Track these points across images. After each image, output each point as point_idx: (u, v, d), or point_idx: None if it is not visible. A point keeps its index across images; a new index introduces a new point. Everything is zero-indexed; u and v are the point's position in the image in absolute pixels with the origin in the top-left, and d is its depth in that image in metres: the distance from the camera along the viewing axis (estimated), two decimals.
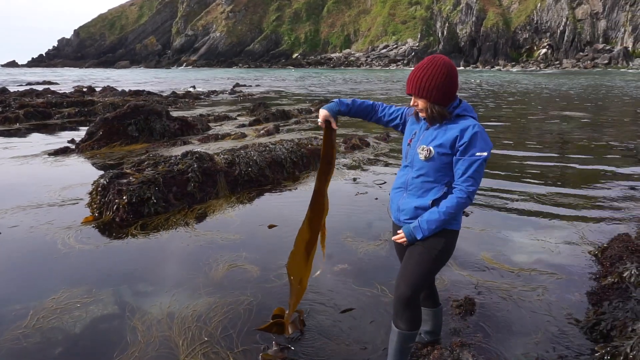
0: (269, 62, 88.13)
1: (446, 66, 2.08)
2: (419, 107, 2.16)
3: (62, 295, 3.20)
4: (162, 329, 2.84)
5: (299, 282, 2.63)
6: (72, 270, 3.61)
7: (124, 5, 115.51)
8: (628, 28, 72.01)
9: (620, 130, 11.44)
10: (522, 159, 7.90)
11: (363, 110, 2.46)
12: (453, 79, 2.10)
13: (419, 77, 2.10)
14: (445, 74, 2.07)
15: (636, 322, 2.65)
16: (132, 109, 9.28)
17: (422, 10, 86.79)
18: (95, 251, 3.96)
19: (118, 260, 3.82)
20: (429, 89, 2.07)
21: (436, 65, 2.08)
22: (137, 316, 2.97)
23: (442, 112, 2.11)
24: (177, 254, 3.94)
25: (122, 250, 4.04)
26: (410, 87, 2.14)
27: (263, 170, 6.13)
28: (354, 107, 2.43)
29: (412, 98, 2.18)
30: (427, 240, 2.16)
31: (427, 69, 2.09)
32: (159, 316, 2.97)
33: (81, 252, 3.92)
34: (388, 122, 2.46)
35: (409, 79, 2.15)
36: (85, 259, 3.82)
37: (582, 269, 3.68)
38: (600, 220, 4.81)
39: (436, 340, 2.69)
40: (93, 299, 3.17)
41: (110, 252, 3.98)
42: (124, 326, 2.87)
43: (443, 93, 2.08)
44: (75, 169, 7.05)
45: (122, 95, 18.94)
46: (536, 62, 74.37)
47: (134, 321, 2.91)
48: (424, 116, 2.17)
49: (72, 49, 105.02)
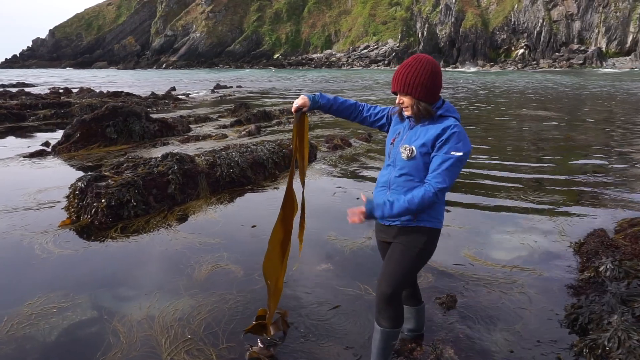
0: (250, 63, 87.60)
1: (431, 64, 2.10)
2: (404, 104, 2.17)
3: (39, 301, 3.11)
4: (144, 329, 2.80)
5: (275, 283, 2.62)
6: (50, 275, 3.52)
7: (101, 5, 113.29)
8: (601, 29, 73.97)
9: (596, 128, 11.73)
10: (502, 157, 8.03)
11: (346, 109, 2.43)
12: (437, 77, 2.12)
13: (404, 75, 2.10)
14: (430, 72, 2.08)
15: (612, 315, 2.72)
16: (110, 110, 9.10)
17: (402, 11, 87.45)
18: (73, 255, 3.87)
19: (97, 264, 3.74)
20: (415, 86, 2.08)
21: (421, 63, 2.10)
22: (116, 318, 2.92)
23: (428, 109, 2.12)
24: (158, 257, 3.88)
25: (101, 254, 3.96)
26: (395, 85, 2.15)
27: (245, 171, 6.09)
28: (336, 104, 2.41)
29: (398, 96, 2.19)
30: (408, 239, 2.17)
31: (412, 67, 2.10)
32: (140, 317, 2.93)
33: (59, 257, 3.83)
34: (373, 122, 2.45)
35: (394, 77, 2.16)
36: (63, 263, 3.73)
37: (560, 264, 3.76)
38: (578, 216, 4.93)
39: (419, 337, 2.71)
40: (71, 303, 3.10)
41: (89, 256, 3.90)
42: (105, 329, 2.81)
43: (428, 90, 2.09)
44: (52, 172, 6.89)
45: (100, 96, 18.57)
46: (514, 62, 75.77)
47: (114, 323, 2.86)
48: (408, 114, 2.18)
49: (48, 49, 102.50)
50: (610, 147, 9.09)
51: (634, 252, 3.59)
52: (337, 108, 2.42)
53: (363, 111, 2.45)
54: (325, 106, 2.41)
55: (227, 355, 2.57)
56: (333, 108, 2.42)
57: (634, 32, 71.31)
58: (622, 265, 3.34)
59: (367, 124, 2.47)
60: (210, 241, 4.17)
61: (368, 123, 2.46)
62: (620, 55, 72.24)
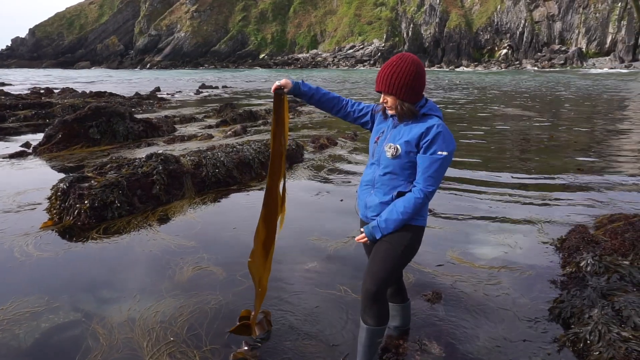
0: (236, 63, 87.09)
1: (415, 64, 2.11)
2: (388, 104, 2.18)
3: (11, 307, 3.03)
4: (125, 332, 2.76)
5: (258, 283, 2.62)
6: (27, 278, 3.45)
7: (82, 4, 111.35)
8: (582, 30, 75.42)
9: (578, 127, 11.95)
10: (485, 156, 8.13)
11: (328, 101, 2.42)
12: (421, 77, 2.13)
13: (388, 75, 2.11)
14: (414, 72, 2.10)
15: (592, 309, 2.77)
16: (93, 110, 8.97)
17: (387, 11, 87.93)
18: (53, 258, 3.80)
19: (76, 266, 3.67)
20: (399, 86, 2.10)
21: (405, 62, 2.11)
22: (95, 320, 2.87)
23: (412, 109, 2.13)
24: (139, 258, 3.83)
25: (81, 256, 3.89)
26: (379, 84, 2.16)
27: (230, 171, 6.06)
28: (318, 94, 2.39)
29: (382, 95, 2.20)
30: (393, 236, 2.19)
31: (396, 67, 2.11)
32: (120, 319, 2.89)
33: (38, 260, 3.75)
34: (357, 118, 2.44)
35: (378, 76, 2.17)
36: (41, 266, 3.66)
37: (543, 260, 3.82)
38: (559, 212, 5.01)
39: (405, 333, 2.73)
40: (46, 307, 3.03)
41: (69, 258, 3.83)
42: (84, 332, 2.76)
43: (412, 90, 2.11)
44: (33, 173, 6.75)
45: (82, 96, 18.26)
46: (497, 62, 76.79)
47: (93, 325, 2.81)
48: (392, 113, 2.20)
49: (28, 48, 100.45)
50: (591, 146, 9.28)
51: (614, 247, 3.67)
52: (319, 99, 2.41)
53: (347, 106, 2.44)
54: (307, 94, 2.38)
55: (211, 358, 2.55)
56: (315, 98, 2.40)
57: (613, 33, 72.87)
58: (602, 260, 3.41)
59: (350, 120, 2.46)
60: (186, 244, 4.11)
61: (351, 118, 2.46)
62: (600, 55, 73.76)
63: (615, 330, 2.54)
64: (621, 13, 72.18)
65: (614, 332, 2.53)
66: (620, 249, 3.62)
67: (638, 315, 2.63)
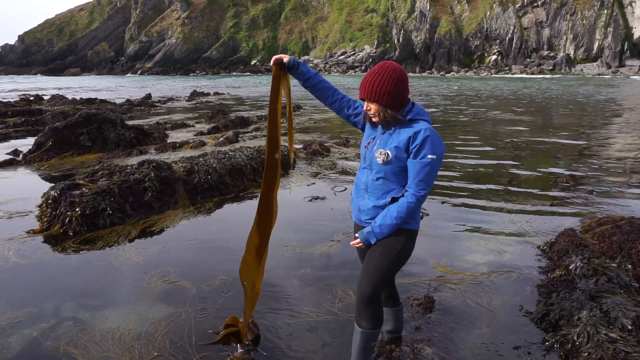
0: (227, 69, 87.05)
1: (396, 71, 2.16)
2: (371, 111, 2.22)
3: None
4: (102, 350, 2.72)
5: (252, 288, 2.62)
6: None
7: (72, 10, 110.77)
8: (569, 36, 76.55)
9: (567, 131, 12.11)
10: (473, 161, 8.21)
11: (324, 90, 2.43)
12: (404, 84, 2.18)
13: (370, 83, 2.16)
14: (395, 79, 2.14)
15: (581, 311, 2.82)
16: (84, 117, 8.93)
17: (378, 18, 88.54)
18: (26, 266, 3.76)
19: (50, 276, 3.62)
20: (381, 94, 2.14)
21: (387, 70, 2.16)
22: (65, 341, 2.73)
23: (395, 116, 2.18)
24: (114, 271, 3.73)
25: (57, 266, 3.83)
26: (363, 92, 2.20)
27: (223, 177, 6.07)
28: (315, 79, 2.41)
29: (365, 102, 2.24)
30: (387, 240, 2.22)
31: (378, 75, 2.15)
32: (96, 337, 2.82)
33: (16, 266, 3.72)
34: (350, 115, 2.45)
35: (361, 85, 2.21)
36: (14, 276, 3.61)
37: (533, 264, 3.87)
38: (549, 216, 5.08)
39: (398, 338, 2.75)
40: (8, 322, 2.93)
41: (45, 268, 3.76)
42: (55, 354, 2.63)
43: (394, 97, 2.15)
44: (23, 181, 6.71)
45: (73, 103, 18.16)
46: (487, 67, 77.57)
47: (63, 346, 2.69)
48: (376, 120, 2.24)
49: (17, 55, 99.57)
50: (579, 152, 9.41)
51: (602, 250, 3.73)
52: (315, 85, 2.42)
53: (343, 100, 2.45)
54: (305, 74, 2.40)
55: None
56: (311, 81, 2.41)
57: (600, 39, 73.99)
58: (591, 263, 3.47)
59: (342, 115, 2.47)
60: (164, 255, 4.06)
61: (345, 114, 2.47)
62: (588, 61, 74.81)
63: (603, 331, 2.59)
64: (607, 20, 73.42)
65: (602, 333, 2.58)
66: (608, 251, 3.69)
67: (625, 317, 2.68)
